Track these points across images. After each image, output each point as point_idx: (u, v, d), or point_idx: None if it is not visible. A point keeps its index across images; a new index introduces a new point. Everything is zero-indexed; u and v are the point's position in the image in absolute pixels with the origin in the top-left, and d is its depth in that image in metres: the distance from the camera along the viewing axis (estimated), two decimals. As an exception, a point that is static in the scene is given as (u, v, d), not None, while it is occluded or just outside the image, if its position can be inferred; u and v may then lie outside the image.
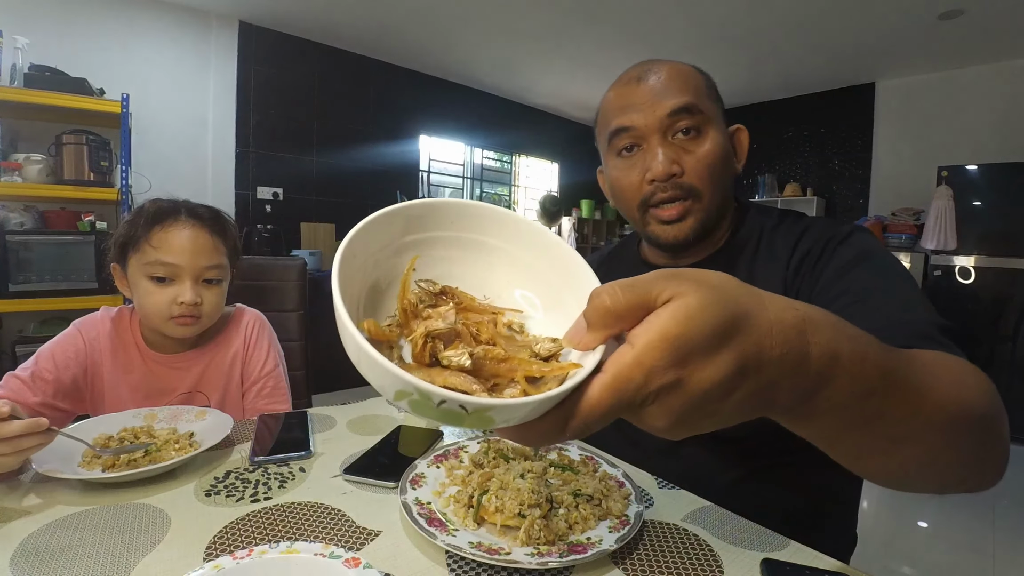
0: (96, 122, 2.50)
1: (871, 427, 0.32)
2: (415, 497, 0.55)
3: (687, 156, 0.67)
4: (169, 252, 0.83)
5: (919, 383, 0.33)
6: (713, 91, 0.71)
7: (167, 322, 0.85)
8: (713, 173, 0.67)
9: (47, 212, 2.46)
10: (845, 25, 3.02)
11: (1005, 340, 3.06)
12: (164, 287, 0.84)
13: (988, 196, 3.16)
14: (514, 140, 4.85)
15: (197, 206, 0.91)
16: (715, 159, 0.67)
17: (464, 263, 0.36)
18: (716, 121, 0.69)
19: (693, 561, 0.48)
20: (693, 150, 0.67)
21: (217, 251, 0.89)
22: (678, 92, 0.67)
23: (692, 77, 0.69)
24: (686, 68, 0.70)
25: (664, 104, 0.67)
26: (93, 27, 2.74)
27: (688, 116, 0.66)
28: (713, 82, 0.72)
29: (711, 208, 0.69)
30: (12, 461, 0.54)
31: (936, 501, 2.24)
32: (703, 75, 0.71)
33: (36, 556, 0.45)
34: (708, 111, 0.68)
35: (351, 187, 3.79)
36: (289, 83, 3.47)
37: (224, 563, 0.40)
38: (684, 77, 0.68)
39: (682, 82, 0.68)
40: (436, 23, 3.24)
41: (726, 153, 0.69)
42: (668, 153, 0.67)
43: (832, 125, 4.17)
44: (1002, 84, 3.42)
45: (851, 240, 0.64)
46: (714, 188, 0.68)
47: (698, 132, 0.67)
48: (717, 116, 0.69)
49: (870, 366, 0.29)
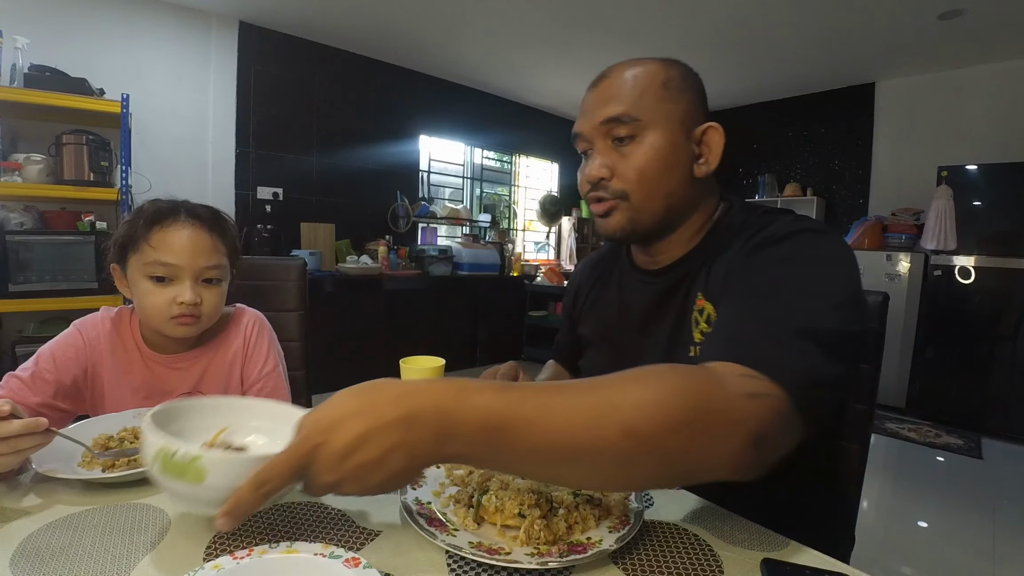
0: (96, 122, 2.50)
1: (503, 456, 0.41)
2: (415, 497, 0.55)
3: (621, 161, 0.68)
4: (168, 252, 0.83)
5: (530, 419, 0.40)
6: (672, 90, 0.67)
7: (167, 322, 0.85)
8: (644, 177, 0.67)
9: (47, 212, 2.46)
10: (845, 25, 3.02)
11: (1005, 340, 3.06)
12: (163, 287, 0.84)
13: (988, 196, 3.16)
14: (514, 140, 4.85)
15: (197, 206, 0.90)
16: (647, 164, 0.67)
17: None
18: (662, 124, 0.67)
19: (693, 561, 0.48)
20: (626, 155, 0.68)
21: (216, 251, 0.88)
22: (614, 100, 0.67)
23: (640, 80, 0.67)
24: (638, 71, 0.68)
25: (600, 112, 0.68)
26: (93, 27, 2.74)
27: (620, 124, 0.67)
28: (681, 78, 0.69)
29: (643, 208, 0.69)
30: (11, 460, 0.54)
31: (936, 501, 2.25)
32: (666, 73, 0.68)
33: (36, 556, 0.45)
34: (648, 116, 0.66)
35: (351, 187, 3.79)
36: (289, 83, 3.47)
37: (224, 563, 0.41)
38: (630, 82, 0.67)
39: (625, 88, 0.67)
40: (436, 23, 3.24)
41: (667, 156, 0.67)
42: (601, 159, 0.69)
43: (832, 125, 4.17)
44: (1002, 84, 3.42)
45: (787, 241, 0.59)
46: (647, 191, 0.68)
47: (632, 139, 0.67)
48: (666, 118, 0.67)
49: (473, 423, 0.39)
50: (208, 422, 0.54)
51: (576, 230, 5.19)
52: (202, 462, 0.41)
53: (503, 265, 4.41)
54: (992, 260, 3.09)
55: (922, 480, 2.47)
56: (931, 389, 3.29)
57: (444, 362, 0.91)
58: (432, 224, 4.32)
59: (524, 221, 5.21)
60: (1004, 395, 3.02)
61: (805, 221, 0.63)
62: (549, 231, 5.32)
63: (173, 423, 0.49)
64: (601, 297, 0.87)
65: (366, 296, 3.69)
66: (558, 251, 5.33)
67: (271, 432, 0.56)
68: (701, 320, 0.68)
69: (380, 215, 3.97)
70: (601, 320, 0.85)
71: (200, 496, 0.42)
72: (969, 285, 3.16)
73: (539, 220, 5.12)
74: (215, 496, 0.41)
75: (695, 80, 0.71)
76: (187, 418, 0.51)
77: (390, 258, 3.71)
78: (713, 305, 0.66)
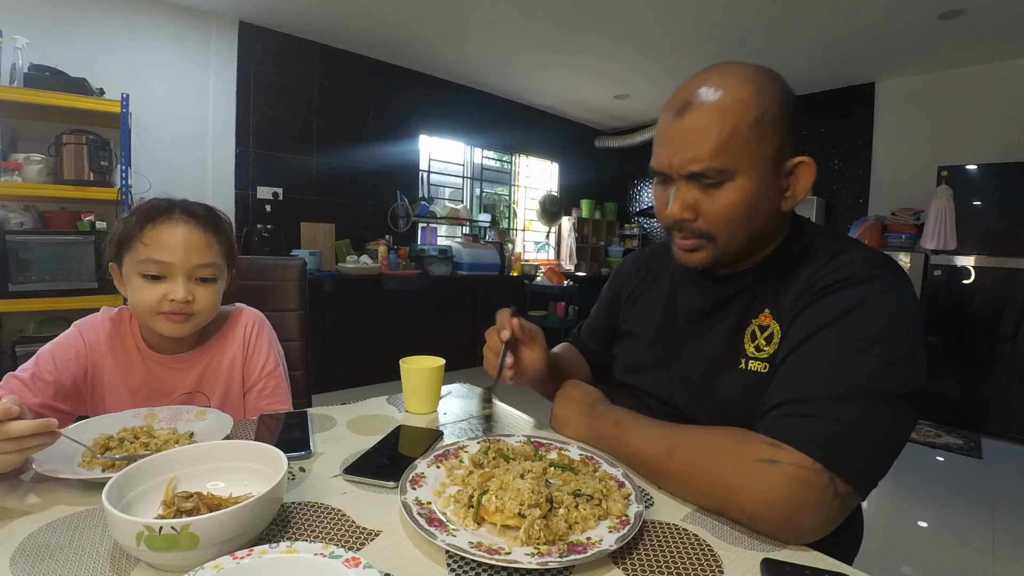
0: (96, 122, 2.50)
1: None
2: (415, 497, 0.55)
3: (706, 202, 0.65)
4: (161, 250, 0.83)
5: (620, 440, 0.68)
6: (764, 129, 0.62)
7: (156, 317, 0.84)
8: (732, 221, 0.65)
9: (47, 212, 2.46)
10: (845, 25, 3.02)
11: (1005, 340, 3.06)
12: (156, 284, 0.83)
13: (988, 196, 3.16)
14: (514, 140, 4.85)
15: (193, 204, 0.90)
16: (735, 209, 0.64)
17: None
18: (751, 168, 0.63)
19: (693, 561, 0.48)
20: (713, 197, 0.65)
21: (211, 249, 0.87)
22: (700, 144, 0.62)
23: (730, 118, 0.61)
24: (728, 103, 0.62)
25: (684, 156, 0.64)
26: (93, 27, 2.74)
27: (705, 175, 0.64)
28: (777, 108, 0.63)
29: (728, 247, 0.68)
30: (15, 459, 0.54)
31: (936, 501, 2.25)
32: (760, 106, 0.62)
33: (36, 556, 0.45)
34: (736, 162, 0.62)
35: (351, 187, 3.79)
36: (289, 83, 3.47)
37: (224, 563, 0.40)
38: (719, 123, 0.62)
39: (713, 129, 0.62)
40: (436, 23, 3.24)
41: (755, 199, 0.64)
42: (684, 199, 0.66)
43: (832, 125, 4.17)
44: (1002, 84, 3.42)
45: (855, 289, 0.60)
46: (732, 233, 0.66)
47: (718, 185, 0.64)
48: (755, 160, 0.63)
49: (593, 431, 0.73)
50: (157, 479, 0.53)
51: (576, 230, 5.19)
52: (193, 528, 0.41)
53: (503, 265, 4.41)
54: (992, 260, 3.09)
55: (922, 480, 2.47)
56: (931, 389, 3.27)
57: (444, 362, 0.91)
58: (432, 224, 4.32)
59: (524, 221, 5.21)
60: (1004, 395, 3.02)
61: (879, 264, 0.63)
62: (549, 231, 5.32)
63: (128, 493, 0.49)
64: (648, 292, 0.88)
65: (366, 296, 3.69)
66: (558, 251, 5.33)
67: (223, 472, 0.57)
68: (760, 336, 0.68)
69: (380, 215, 3.97)
70: (645, 316, 0.86)
71: (198, 558, 0.42)
72: (969, 285, 3.16)
73: (539, 220, 5.12)
74: (209, 553, 0.42)
75: (787, 104, 0.65)
76: (137, 481, 0.51)
77: (390, 258, 3.71)
78: (780, 326, 0.66)
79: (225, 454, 0.58)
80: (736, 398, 0.68)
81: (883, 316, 0.58)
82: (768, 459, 0.52)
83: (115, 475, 0.48)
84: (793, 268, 0.69)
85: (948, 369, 3.22)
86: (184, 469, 0.55)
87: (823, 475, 0.51)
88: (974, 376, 3.13)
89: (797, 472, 0.51)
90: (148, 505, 0.51)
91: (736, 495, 0.53)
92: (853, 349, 0.56)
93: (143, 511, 0.50)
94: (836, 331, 0.58)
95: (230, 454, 0.58)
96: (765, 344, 0.67)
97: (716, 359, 0.72)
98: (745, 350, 0.69)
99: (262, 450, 0.57)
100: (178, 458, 0.56)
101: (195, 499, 0.49)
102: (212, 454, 0.58)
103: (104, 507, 0.43)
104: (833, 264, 0.64)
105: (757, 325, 0.69)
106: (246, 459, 0.57)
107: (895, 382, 0.54)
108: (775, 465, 0.52)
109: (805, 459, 0.51)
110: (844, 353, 0.56)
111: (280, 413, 0.85)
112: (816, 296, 0.62)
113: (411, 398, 0.89)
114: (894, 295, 0.60)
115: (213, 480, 0.56)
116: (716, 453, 0.57)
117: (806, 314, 0.62)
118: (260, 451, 0.57)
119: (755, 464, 0.53)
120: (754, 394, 0.63)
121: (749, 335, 0.69)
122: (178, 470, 0.55)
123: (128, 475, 0.50)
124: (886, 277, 0.61)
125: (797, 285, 0.66)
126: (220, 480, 0.56)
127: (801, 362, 0.59)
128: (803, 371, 0.58)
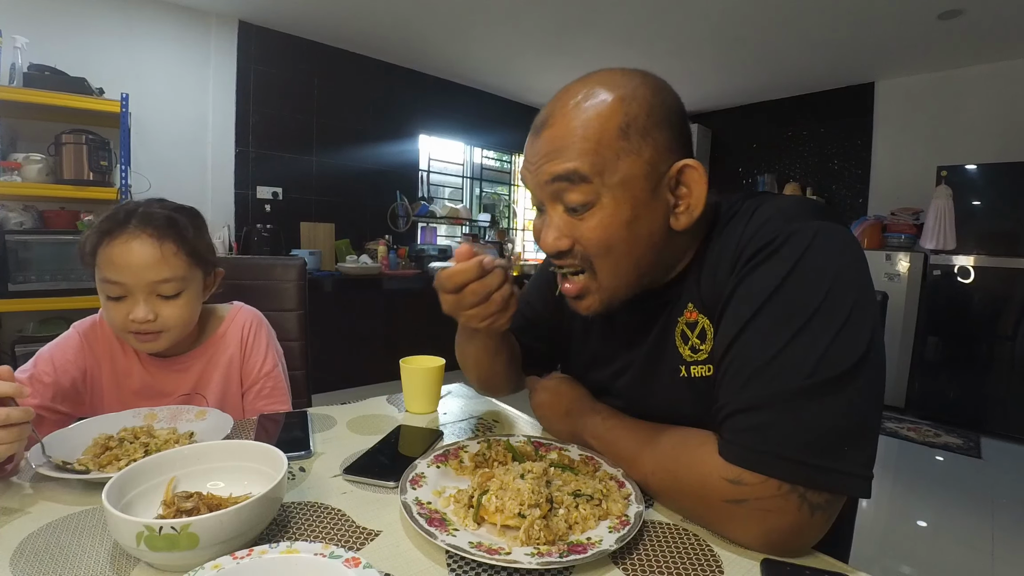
0: (95, 122, 2.50)
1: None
2: (415, 497, 0.55)
3: (580, 226, 0.58)
4: (115, 270, 0.79)
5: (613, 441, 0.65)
6: (634, 137, 0.55)
7: (128, 336, 0.82)
8: (608, 243, 0.57)
9: (47, 212, 2.46)
10: (845, 25, 3.02)
11: (1005, 340, 3.06)
12: (118, 303, 0.81)
13: (988, 196, 3.17)
14: (514, 140, 4.85)
15: (154, 211, 0.83)
16: (610, 231, 0.57)
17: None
18: (619, 183, 0.56)
19: (693, 561, 0.48)
20: (585, 220, 0.57)
21: (168, 263, 0.81)
22: (562, 155, 0.56)
23: (591, 131, 0.55)
24: (588, 117, 0.56)
25: (543, 171, 0.58)
26: (93, 27, 2.74)
27: (570, 190, 0.57)
28: (646, 114, 0.56)
29: (613, 282, 0.60)
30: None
31: (936, 501, 2.25)
32: (624, 114, 0.56)
33: (36, 556, 0.45)
34: (601, 171, 0.55)
35: (351, 187, 3.79)
36: (289, 83, 3.46)
37: (224, 563, 0.40)
38: (579, 134, 0.56)
39: (573, 142, 0.56)
40: (436, 23, 3.23)
41: (631, 220, 0.56)
42: (558, 224, 0.59)
43: (832, 125, 4.17)
44: (1002, 84, 3.42)
45: (779, 256, 0.53)
46: (614, 263, 0.59)
47: (587, 207, 0.57)
48: (626, 176, 0.55)
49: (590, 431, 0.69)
50: (157, 479, 0.53)
51: (576, 230, 5.18)
52: (193, 528, 0.41)
53: (503, 265, 4.41)
54: (991, 260, 3.09)
55: (921, 479, 2.47)
56: (930, 388, 3.29)
57: (444, 362, 0.91)
58: (432, 224, 4.32)
59: (524, 221, 5.21)
60: (1003, 395, 3.02)
61: (797, 214, 0.56)
62: (549, 231, 5.32)
63: (128, 493, 0.50)
64: None
65: (366, 296, 3.68)
66: (558, 251, 5.32)
67: (222, 472, 0.57)
68: (692, 335, 0.61)
69: (380, 215, 3.96)
70: (586, 327, 0.79)
71: (197, 558, 0.42)
72: (968, 285, 3.16)
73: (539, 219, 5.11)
74: (209, 553, 0.43)
75: (664, 106, 0.58)
76: (137, 481, 0.51)
77: (390, 258, 3.71)
78: (709, 319, 0.60)
79: (225, 454, 0.58)
80: (688, 412, 0.61)
81: (815, 280, 0.51)
82: (734, 499, 0.49)
83: (115, 475, 0.48)
84: (712, 248, 0.61)
85: (948, 369, 3.22)
86: (184, 469, 0.56)
87: (792, 497, 0.47)
88: (973, 376, 3.13)
89: (766, 504, 0.47)
90: (148, 505, 0.51)
91: (718, 530, 0.52)
92: (793, 329, 0.50)
93: (143, 511, 0.50)
94: (770, 313, 0.52)
95: (230, 454, 0.58)
96: (700, 343, 0.61)
97: (657, 372, 0.65)
98: (681, 355, 0.62)
99: (262, 450, 0.57)
100: (178, 458, 0.56)
101: (195, 499, 0.49)
102: (212, 454, 0.58)
103: (104, 507, 0.43)
104: (753, 222, 0.57)
105: (684, 323, 0.62)
106: (246, 459, 0.57)
107: (846, 355, 0.48)
108: (743, 504, 0.48)
109: (769, 485, 0.47)
110: (785, 338, 0.50)
111: (280, 413, 0.85)
112: (745, 270, 0.55)
113: (411, 398, 0.89)
114: (820, 248, 0.52)
115: (213, 480, 0.56)
116: (683, 491, 0.54)
117: (738, 296, 0.55)
118: (260, 451, 0.57)
119: (723, 507, 0.50)
120: (707, 400, 0.57)
121: (679, 336, 0.62)
122: (178, 470, 0.55)
123: (128, 475, 0.50)
124: (805, 230, 0.53)
125: (724, 260, 0.58)
126: (220, 480, 0.57)
127: (743, 360, 0.52)
128: (747, 370, 0.51)
